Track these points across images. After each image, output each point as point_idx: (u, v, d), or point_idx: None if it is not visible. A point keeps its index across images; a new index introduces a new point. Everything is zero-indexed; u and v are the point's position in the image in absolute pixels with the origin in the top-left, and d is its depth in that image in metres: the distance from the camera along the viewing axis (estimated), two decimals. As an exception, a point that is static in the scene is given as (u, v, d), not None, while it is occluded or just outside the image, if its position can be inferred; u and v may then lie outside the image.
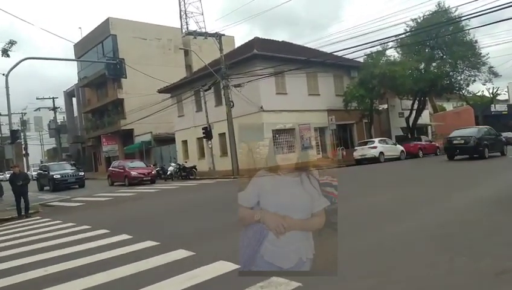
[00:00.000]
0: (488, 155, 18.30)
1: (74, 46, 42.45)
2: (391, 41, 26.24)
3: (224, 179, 20.75)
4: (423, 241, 5.10)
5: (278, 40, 31.14)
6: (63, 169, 24.86)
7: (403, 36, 26.65)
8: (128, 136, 38.55)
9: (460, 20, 23.60)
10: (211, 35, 22.66)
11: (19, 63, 16.42)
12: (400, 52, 29.24)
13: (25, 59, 16.91)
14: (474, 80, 28.51)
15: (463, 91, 30.28)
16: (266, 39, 29.25)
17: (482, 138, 18.69)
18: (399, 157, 24.57)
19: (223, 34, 23.11)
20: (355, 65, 27.60)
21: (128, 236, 7.05)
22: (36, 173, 27.04)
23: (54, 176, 23.43)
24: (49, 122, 49.90)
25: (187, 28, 38.48)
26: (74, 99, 52.60)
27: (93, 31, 40.93)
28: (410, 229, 5.83)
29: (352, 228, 5.80)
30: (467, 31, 26.07)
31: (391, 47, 27.91)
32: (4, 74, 16.60)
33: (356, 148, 25.05)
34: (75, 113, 53.26)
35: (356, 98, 26.12)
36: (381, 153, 23.47)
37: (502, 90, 38.38)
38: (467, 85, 29.05)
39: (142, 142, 35.64)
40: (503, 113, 43.83)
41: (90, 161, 47.89)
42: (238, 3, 45.24)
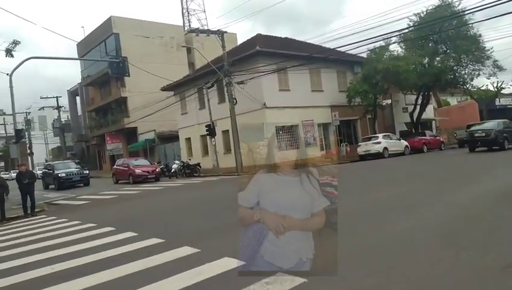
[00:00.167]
0: (507, 147, 19.08)
1: (77, 45, 42.56)
2: (394, 36, 25.97)
3: (228, 176, 20.77)
4: (429, 236, 5.09)
5: (280, 36, 31.11)
6: (67, 168, 25.05)
7: (406, 31, 26.43)
8: (132, 134, 38.69)
9: (464, 14, 23.40)
10: (213, 33, 22.62)
11: (22, 63, 16.50)
12: (403, 47, 29.03)
13: (28, 59, 16.99)
14: (479, 74, 28.31)
15: (467, 85, 30.04)
16: (269, 36, 29.22)
17: (502, 130, 19.52)
18: (403, 152, 24.52)
19: (225, 31, 23.06)
20: (358, 60, 27.51)
21: (133, 234, 7.09)
22: (41, 172, 27.15)
23: (59, 175, 23.62)
24: (53, 121, 50.13)
25: (189, 26, 38.53)
26: (78, 98, 52.85)
27: (96, 29, 41.04)
28: (416, 224, 5.83)
29: (356, 225, 5.82)
30: (470, 25, 25.85)
31: (394, 42, 27.71)
32: (8, 74, 16.70)
33: (360, 143, 25.03)
34: (79, 112, 53.51)
35: (360, 94, 26.03)
36: (385, 148, 23.43)
37: (506, 84, 37.88)
38: (471, 79, 28.85)
39: (145, 140, 35.76)
40: (508, 107, 43.39)
41: (94, 159, 48.14)
42: (240, 0, 45.11)
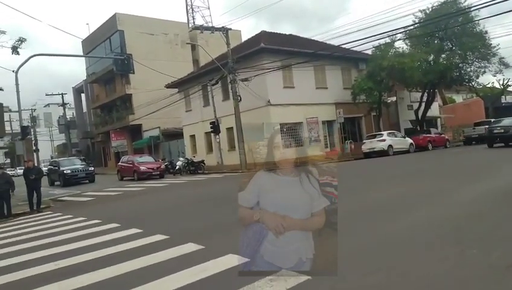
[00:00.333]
0: None
1: (82, 42, 42.66)
2: (399, 33, 25.81)
3: (232, 173, 20.81)
4: (430, 235, 5.08)
5: (284, 33, 30.96)
6: (73, 164, 25.17)
7: (412, 28, 26.28)
8: (136, 131, 38.82)
9: (470, 10, 23.23)
10: (218, 30, 22.57)
11: (28, 60, 16.57)
12: (409, 44, 28.87)
13: (33, 56, 17.07)
14: (484, 72, 28.13)
15: (473, 83, 29.86)
16: (273, 32, 29.10)
17: None
18: (408, 150, 24.41)
19: (230, 28, 23.02)
20: (363, 57, 27.33)
21: (138, 230, 7.13)
22: (47, 169, 27.32)
23: (65, 171, 23.74)
24: (59, 118, 50.31)
25: (194, 23, 38.53)
26: (83, 95, 53.08)
27: (101, 27, 41.13)
28: (420, 221, 5.82)
29: (359, 223, 5.82)
30: (476, 21, 25.64)
31: (399, 39, 27.60)
32: (14, 71, 16.80)
33: (364, 141, 24.94)
34: (84, 109, 53.73)
35: (364, 91, 25.88)
36: (390, 146, 23.34)
37: (512, 81, 37.64)
38: (477, 77, 28.66)
39: (150, 137, 35.86)
40: (514, 104, 43.07)
41: (99, 156, 48.39)
42: (244, -4, 44.96)
